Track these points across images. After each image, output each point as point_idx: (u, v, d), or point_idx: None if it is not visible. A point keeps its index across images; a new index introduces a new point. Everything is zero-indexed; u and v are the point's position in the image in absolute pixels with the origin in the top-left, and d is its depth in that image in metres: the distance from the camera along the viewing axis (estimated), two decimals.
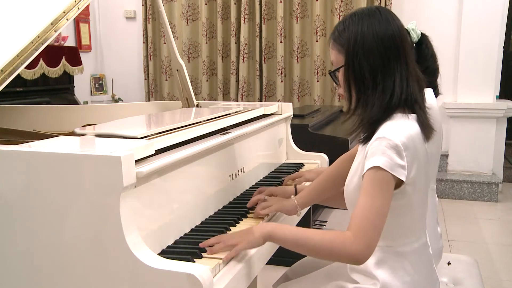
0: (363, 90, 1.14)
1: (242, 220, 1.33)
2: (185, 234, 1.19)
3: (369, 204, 1.05)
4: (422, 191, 1.18)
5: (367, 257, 1.05)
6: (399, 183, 1.09)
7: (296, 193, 1.49)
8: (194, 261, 1.01)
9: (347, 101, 1.20)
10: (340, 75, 1.19)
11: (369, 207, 1.05)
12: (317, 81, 4.38)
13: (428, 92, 1.42)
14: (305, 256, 1.59)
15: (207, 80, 4.68)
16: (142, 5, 4.75)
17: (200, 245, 1.10)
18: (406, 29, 1.51)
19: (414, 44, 1.51)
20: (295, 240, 1.09)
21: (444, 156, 4.25)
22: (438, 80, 1.59)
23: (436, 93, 1.59)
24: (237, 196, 1.52)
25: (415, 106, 1.15)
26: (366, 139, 1.14)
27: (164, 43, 4.71)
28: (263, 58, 4.48)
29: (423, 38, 1.56)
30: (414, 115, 1.14)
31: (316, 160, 1.98)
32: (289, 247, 1.11)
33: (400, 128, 1.10)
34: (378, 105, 1.12)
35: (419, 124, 1.14)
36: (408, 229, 1.18)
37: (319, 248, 1.07)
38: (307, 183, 1.69)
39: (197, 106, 2.08)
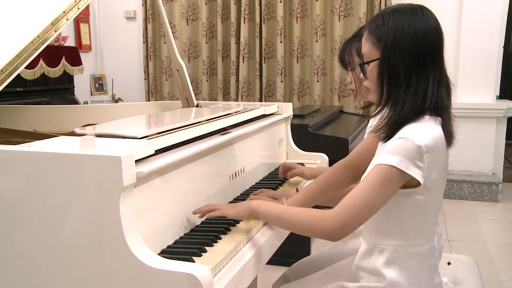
0: (395, 88, 1.13)
1: (242, 220, 1.33)
2: (185, 234, 1.19)
3: (363, 192, 1.07)
4: (439, 194, 1.18)
5: (338, 236, 1.08)
6: (416, 183, 1.08)
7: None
8: (194, 261, 1.01)
9: (378, 95, 1.18)
10: (371, 68, 1.18)
11: (362, 195, 1.07)
12: (317, 81, 4.38)
13: None
14: (305, 256, 1.60)
15: (207, 80, 4.68)
16: (142, 5, 4.75)
17: (193, 212, 1.20)
18: None
19: None
20: (277, 215, 1.16)
21: None
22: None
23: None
24: (237, 196, 1.51)
25: (443, 112, 1.14)
26: (389, 137, 1.13)
27: (164, 43, 4.71)
28: (263, 58, 4.48)
29: None
30: (440, 119, 1.13)
31: (316, 160, 1.98)
32: (272, 222, 1.19)
33: (425, 130, 1.09)
34: (409, 106, 1.11)
35: (443, 130, 1.13)
36: (421, 230, 1.17)
37: (298, 222, 1.13)
38: (307, 182, 1.69)
39: (197, 106, 2.08)
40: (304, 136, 2.64)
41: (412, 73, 1.11)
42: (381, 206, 1.08)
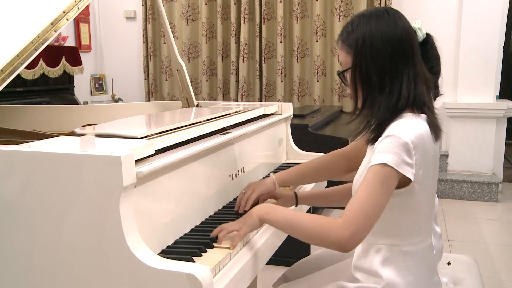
0: (369, 91, 1.15)
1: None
2: (185, 234, 1.19)
3: (366, 195, 1.06)
4: (429, 191, 1.18)
5: (352, 246, 1.05)
6: (406, 181, 1.09)
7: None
8: (194, 261, 1.01)
9: (354, 101, 1.20)
10: (348, 76, 1.20)
11: (365, 198, 1.06)
12: (317, 81, 4.37)
13: None
14: (305, 256, 1.60)
15: (207, 80, 4.68)
16: (142, 5, 4.75)
17: (211, 234, 1.15)
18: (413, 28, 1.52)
19: (419, 44, 1.52)
20: (287, 223, 1.12)
21: (444, 156, 4.25)
22: (440, 81, 1.59)
23: (437, 94, 1.59)
24: (237, 196, 1.51)
25: (424, 108, 1.15)
26: (374, 139, 1.14)
27: (164, 43, 4.71)
28: (263, 58, 4.48)
29: (428, 38, 1.56)
30: (424, 115, 1.15)
31: None
32: (282, 230, 1.15)
33: (410, 126, 1.10)
34: (385, 106, 1.13)
35: (428, 124, 1.14)
36: (415, 228, 1.18)
37: (309, 231, 1.09)
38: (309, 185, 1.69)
39: (197, 106, 2.08)
40: (304, 136, 2.64)
41: (385, 74, 1.13)
42: (385, 206, 1.07)
